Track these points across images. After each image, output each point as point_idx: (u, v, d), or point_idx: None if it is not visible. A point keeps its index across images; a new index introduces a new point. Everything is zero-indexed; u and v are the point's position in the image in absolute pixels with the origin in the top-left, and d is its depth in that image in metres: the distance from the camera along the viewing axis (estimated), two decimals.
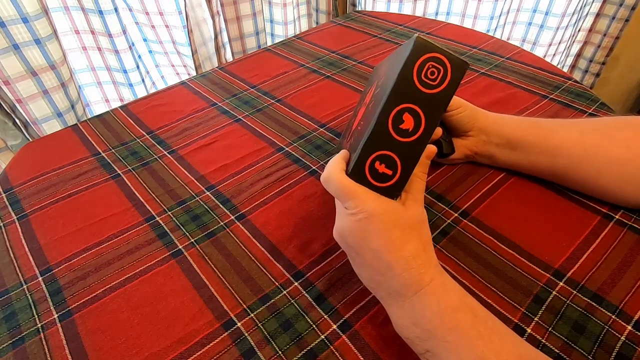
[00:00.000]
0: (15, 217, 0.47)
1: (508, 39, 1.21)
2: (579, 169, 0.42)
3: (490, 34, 1.13)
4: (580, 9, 1.14)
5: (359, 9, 1.10)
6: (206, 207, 0.47)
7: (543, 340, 0.33)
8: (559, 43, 1.18)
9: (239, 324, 0.36)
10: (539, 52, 1.19)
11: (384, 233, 0.30)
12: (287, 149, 0.55)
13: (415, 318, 0.29)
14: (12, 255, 0.43)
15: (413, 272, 0.29)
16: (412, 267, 0.29)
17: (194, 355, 0.34)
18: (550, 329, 0.34)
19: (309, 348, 0.34)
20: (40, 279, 0.40)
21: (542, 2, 1.11)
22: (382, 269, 0.30)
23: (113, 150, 0.56)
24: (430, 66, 0.29)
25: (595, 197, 0.44)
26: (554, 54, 1.21)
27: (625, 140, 0.40)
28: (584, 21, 1.25)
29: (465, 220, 0.43)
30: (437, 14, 1.12)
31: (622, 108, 1.45)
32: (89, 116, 0.73)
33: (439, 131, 0.43)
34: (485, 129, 0.45)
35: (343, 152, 0.34)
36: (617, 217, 0.43)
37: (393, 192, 0.31)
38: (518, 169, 0.47)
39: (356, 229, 0.31)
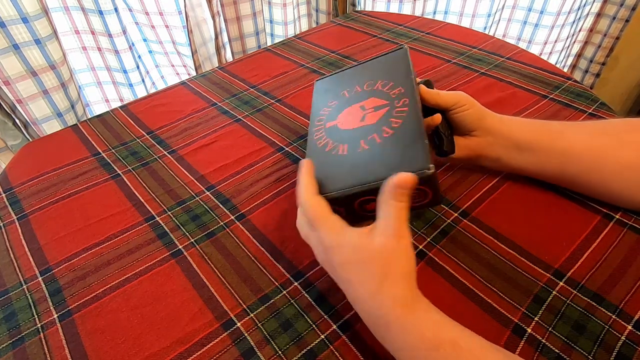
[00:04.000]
0: (15, 217, 0.47)
1: (504, 36, 1.21)
2: (589, 174, 0.41)
3: (487, 31, 1.13)
4: (579, 8, 1.14)
5: (359, 9, 1.10)
6: (206, 207, 0.47)
7: (543, 340, 0.33)
8: (555, 41, 1.18)
9: (238, 324, 0.36)
10: (534, 50, 1.19)
11: (346, 266, 0.30)
12: (287, 149, 0.55)
13: (396, 356, 0.29)
14: (12, 255, 0.43)
15: (372, 310, 0.29)
16: (371, 306, 0.29)
17: (194, 355, 0.34)
18: (550, 329, 0.34)
19: (308, 348, 0.34)
20: (40, 279, 0.40)
21: (537, 1, 1.12)
22: (352, 300, 0.31)
23: (113, 150, 0.56)
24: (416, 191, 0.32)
25: (607, 202, 0.43)
26: (551, 52, 1.21)
27: (636, 143, 0.39)
28: (584, 21, 1.25)
29: (465, 220, 0.43)
30: (435, 12, 1.12)
31: (621, 108, 1.45)
32: (89, 116, 0.73)
33: (438, 118, 0.42)
34: (492, 130, 0.43)
35: (309, 167, 0.35)
36: (617, 217, 0.43)
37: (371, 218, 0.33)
38: (525, 173, 0.45)
39: (325, 261, 0.33)
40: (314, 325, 0.35)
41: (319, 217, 0.32)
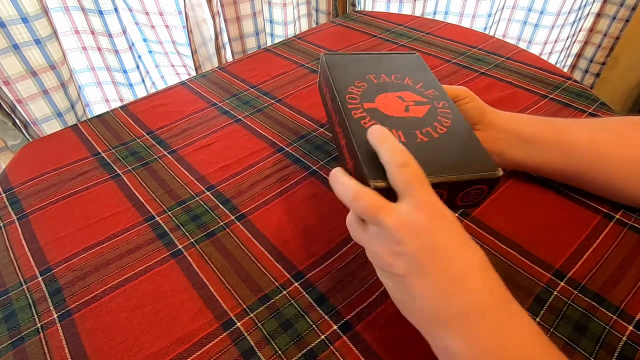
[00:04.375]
0: (15, 217, 0.47)
1: (504, 36, 1.21)
2: (591, 168, 0.41)
3: (487, 31, 1.13)
4: (579, 8, 1.14)
5: (359, 9, 1.10)
6: (206, 207, 0.47)
7: None
8: (555, 41, 1.18)
9: (238, 324, 0.36)
10: (534, 50, 1.19)
11: (456, 232, 0.26)
12: (287, 149, 0.54)
13: (488, 352, 0.24)
14: (12, 255, 0.43)
15: (486, 283, 0.25)
16: (485, 278, 0.25)
17: (194, 355, 0.34)
18: (552, 330, 0.34)
19: (309, 348, 0.34)
20: (40, 279, 0.40)
21: (537, 1, 1.12)
22: (451, 280, 0.25)
23: (113, 150, 0.56)
24: (472, 191, 0.32)
25: (609, 199, 0.43)
26: (551, 52, 1.21)
27: (636, 139, 0.39)
28: (584, 21, 1.25)
29: (465, 220, 0.43)
30: (435, 12, 1.12)
31: (621, 108, 1.45)
32: (89, 116, 0.73)
33: None
34: (495, 125, 0.44)
35: (388, 132, 0.31)
36: (617, 216, 0.43)
37: None
38: (527, 169, 0.46)
39: (428, 226, 0.26)
40: (314, 326, 0.35)
41: (424, 179, 0.27)
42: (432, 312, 0.26)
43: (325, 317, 0.36)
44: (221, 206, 0.47)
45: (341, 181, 0.30)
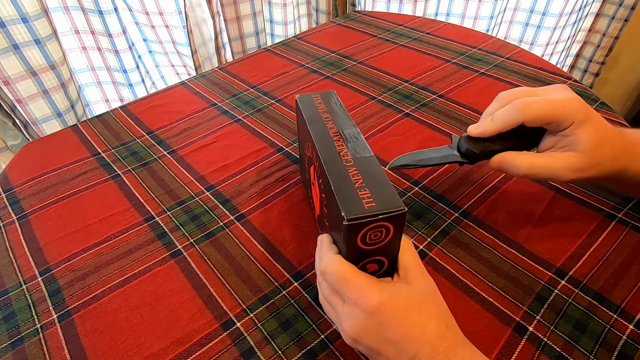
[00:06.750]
0: (15, 217, 0.47)
1: (505, 38, 1.21)
2: None
3: (489, 33, 1.13)
4: (580, 9, 1.14)
5: (359, 9, 1.10)
6: (206, 208, 0.47)
7: (545, 339, 0.33)
8: (557, 42, 1.18)
9: (238, 324, 0.36)
10: (536, 51, 1.18)
11: (401, 321, 0.27)
12: (287, 149, 0.54)
13: None
14: (11, 255, 0.43)
15: (440, 358, 0.27)
16: (438, 353, 0.27)
17: (193, 355, 0.34)
18: (552, 328, 0.34)
19: (309, 348, 0.34)
20: (39, 279, 0.40)
21: (539, 3, 1.11)
22: (409, 356, 0.27)
23: (113, 151, 0.56)
24: (372, 232, 0.28)
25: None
26: (552, 53, 1.21)
27: None
28: (584, 21, 1.25)
29: (465, 220, 0.43)
30: (436, 14, 1.12)
31: (621, 108, 1.45)
32: (89, 116, 0.73)
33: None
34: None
35: (328, 238, 0.32)
36: (619, 216, 0.43)
37: (385, 277, 0.31)
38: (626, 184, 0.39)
39: (370, 326, 0.27)
40: (314, 325, 0.35)
41: (345, 272, 0.29)
42: None
43: (325, 316, 0.36)
44: (221, 206, 0.47)
45: (321, 253, 0.32)
